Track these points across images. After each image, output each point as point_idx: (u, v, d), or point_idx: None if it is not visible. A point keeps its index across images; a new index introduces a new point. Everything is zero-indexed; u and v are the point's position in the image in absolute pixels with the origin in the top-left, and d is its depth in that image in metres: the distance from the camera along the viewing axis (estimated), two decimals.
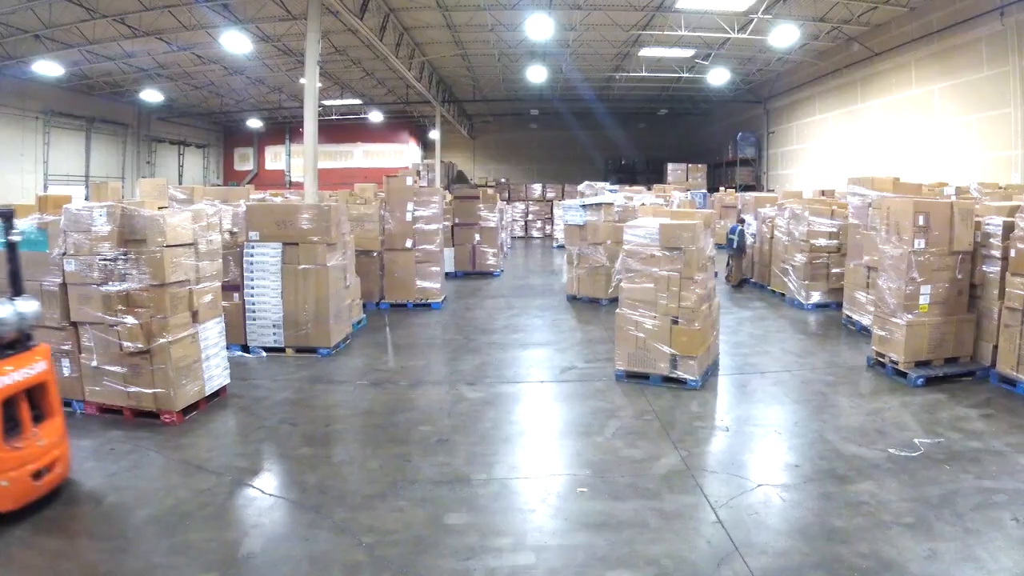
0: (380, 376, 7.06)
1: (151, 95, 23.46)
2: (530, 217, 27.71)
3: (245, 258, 7.70)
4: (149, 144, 27.51)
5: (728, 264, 13.23)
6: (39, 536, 3.77)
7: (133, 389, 5.44)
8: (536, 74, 20.44)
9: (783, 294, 11.29)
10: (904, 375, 6.55)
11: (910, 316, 6.59)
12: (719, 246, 11.10)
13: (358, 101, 27.74)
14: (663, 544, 3.68)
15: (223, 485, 4.41)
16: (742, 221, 13.07)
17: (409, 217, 10.83)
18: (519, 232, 27.21)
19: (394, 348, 8.38)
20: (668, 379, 6.46)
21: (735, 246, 12.71)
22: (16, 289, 4.41)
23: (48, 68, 18.03)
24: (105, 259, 5.30)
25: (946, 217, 6.57)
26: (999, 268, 6.50)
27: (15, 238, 4.43)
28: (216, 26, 15.84)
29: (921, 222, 6.54)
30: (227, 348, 6.40)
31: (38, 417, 4.21)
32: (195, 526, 3.87)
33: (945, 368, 6.63)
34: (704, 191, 21.29)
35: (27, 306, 4.29)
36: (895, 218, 6.76)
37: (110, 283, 5.31)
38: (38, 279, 5.49)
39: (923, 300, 6.62)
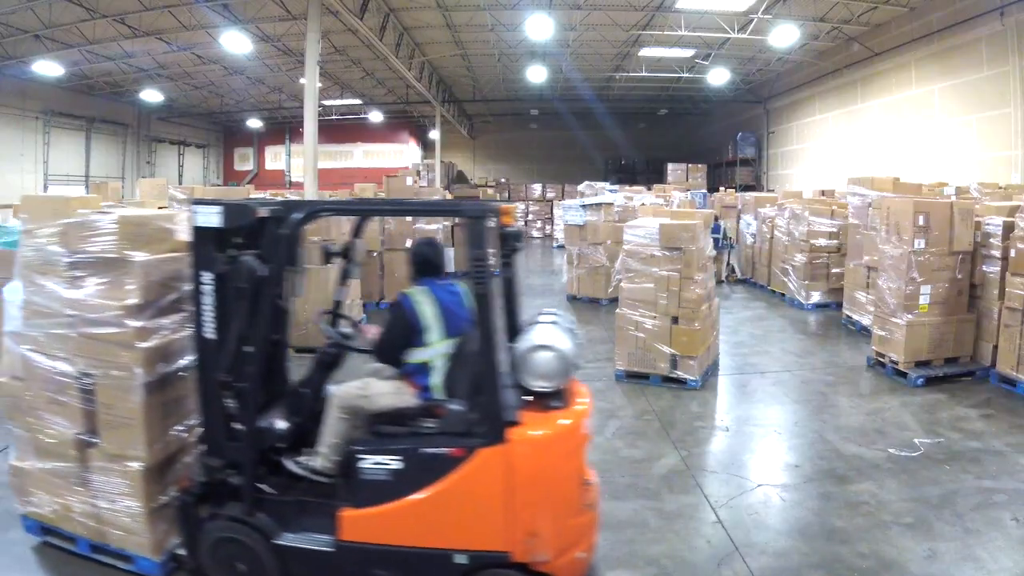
0: None
1: (151, 95, 23.45)
2: (530, 217, 27.70)
3: None
4: (149, 144, 27.50)
5: (728, 263, 13.24)
6: None
7: None
8: (536, 74, 20.43)
9: (783, 294, 11.29)
10: (904, 375, 6.56)
11: (910, 316, 6.59)
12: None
13: (358, 101, 27.73)
14: (663, 544, 3.69)
15: None
16: (716, 217, 13.06)
17: (409, 217, 10.82)
18: None
19: None
20: (668, 379, 6.46)
21: (720, 246, 12.72)
22: (513, 325, 3.24)
23: (48, 68, 18.02)
24: None
25: (946, 217, 6.57)
26: (999, 268, 6.51)
27: (519, 246, 3.32)
28: (216, 26, 15.83)
29: (921, 222, 6.54)
30: None
31: None
32: None
33: (945, 368, 6.63)
34: (704, 191, 21.22)
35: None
36: (895, 218, 6.76)
37: None
38: None
39: (923, 300, 6.62)
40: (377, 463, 2.86)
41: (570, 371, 2.95)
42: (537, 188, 28.26)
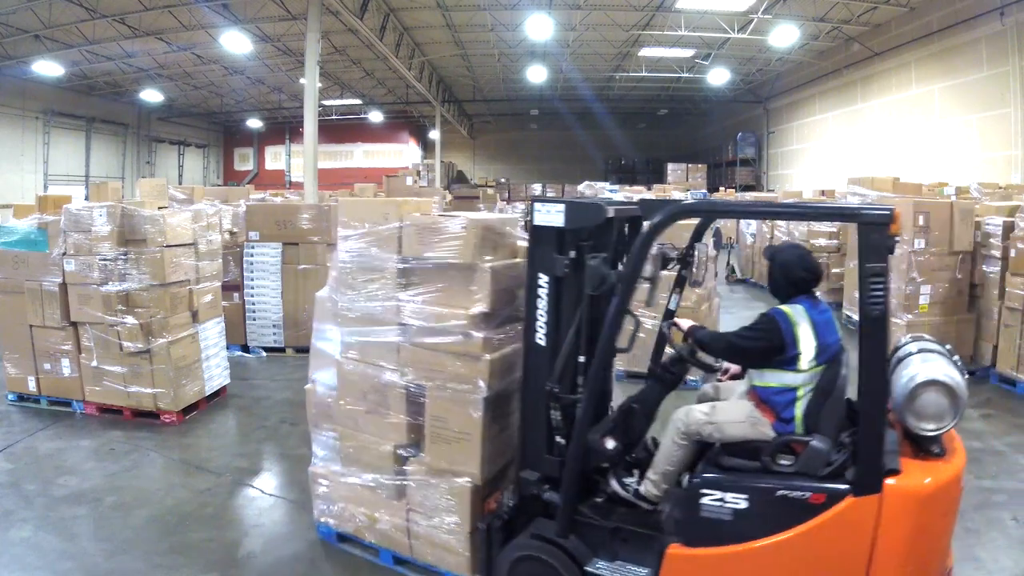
0: None
1: (151, 95, 23.47)
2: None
3: (245, 258, 7.71)
4: (149, 144, 27.50)
5: (728, 263, 13.28)
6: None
7: (133, 389, 5.43)
8: (536, 74, 20.44)
9: None
10: None
11: (910, 316, 6.60)
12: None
13: (358, 101, 27.74)
14: None
15: (223, 485, 4.41)
16: None
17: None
18: None
19: None
20: None
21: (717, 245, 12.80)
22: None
23: (48, 68, 18.04)
24: (105, 259, 5.29)
25: (946, 217, 6.58)
26: (999, 268, 6.50)
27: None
28: (216, 26, 15.84)
29: (921, 222, 6.54)
30: (227, 348, 6.40)
31: None
32: (195, 526, 3.87)
33: None
34: (704, 191, 21.24)
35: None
36: None
37: (110, 283, 5.31)
38: (38, 279, 5.50)
39: (923, 300, 6.62)
40: (720, 499, 2.50)
41: (962, 411, 2.50)
42: (537, 188, 28.22)
